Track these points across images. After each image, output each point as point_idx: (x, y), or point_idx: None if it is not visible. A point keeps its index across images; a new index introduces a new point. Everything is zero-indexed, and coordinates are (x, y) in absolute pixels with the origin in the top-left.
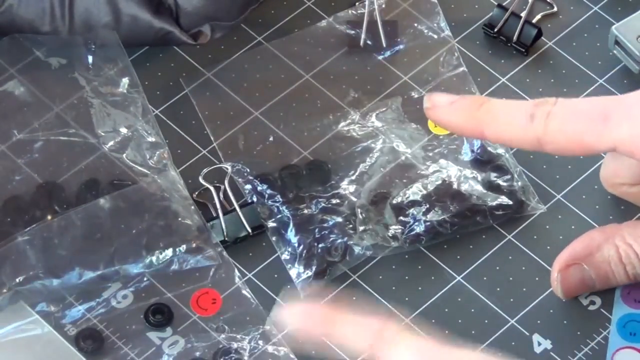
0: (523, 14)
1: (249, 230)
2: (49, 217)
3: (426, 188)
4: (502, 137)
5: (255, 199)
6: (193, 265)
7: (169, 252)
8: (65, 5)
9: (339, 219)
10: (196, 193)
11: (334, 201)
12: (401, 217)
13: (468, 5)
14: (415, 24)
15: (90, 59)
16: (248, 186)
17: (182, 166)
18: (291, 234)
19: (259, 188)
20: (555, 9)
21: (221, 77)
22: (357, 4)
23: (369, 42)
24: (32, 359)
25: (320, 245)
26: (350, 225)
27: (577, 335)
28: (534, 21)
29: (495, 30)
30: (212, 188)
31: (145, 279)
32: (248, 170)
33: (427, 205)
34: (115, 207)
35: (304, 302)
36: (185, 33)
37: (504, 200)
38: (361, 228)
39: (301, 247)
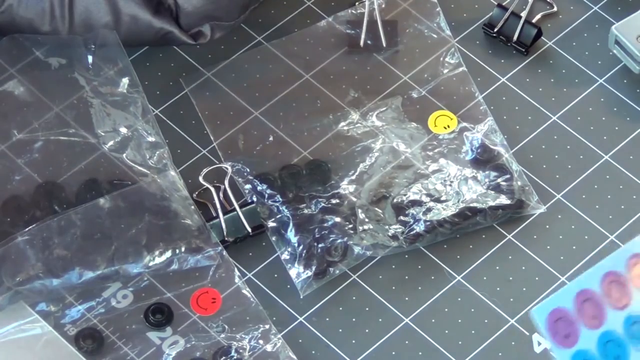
0: (523, 14)
1: (249, 230)
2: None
3: (426, 188)
4: None
5: (255, 199)
6: (193, 265)
7: (168, 252)
8: (65, 5)
9: (339, 219)
10: (196, 193)
11: (334, 201)
12: (401, 217)
13: (468, 5)
14: (415, 24)
15: (90, 59)
16: (248, 186)
17: (182, 166)
18: (291, 234)
19: (259, 188)
20: (555, 8)
21: (221, 77)
22: (357, 4)
23: (369, 42)
24: (32, 358)
25: (320, 245)
26: (350, 225)
27: None
28: (534, 21)
29: (495, 30)
30: (212, 188)
31: (145, 278)
32: (248, 170)
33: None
34: (115, 207)
35: None
36: (185, 33)
37: (504, 200)
38: (361, 228)
39: (301, 247)
